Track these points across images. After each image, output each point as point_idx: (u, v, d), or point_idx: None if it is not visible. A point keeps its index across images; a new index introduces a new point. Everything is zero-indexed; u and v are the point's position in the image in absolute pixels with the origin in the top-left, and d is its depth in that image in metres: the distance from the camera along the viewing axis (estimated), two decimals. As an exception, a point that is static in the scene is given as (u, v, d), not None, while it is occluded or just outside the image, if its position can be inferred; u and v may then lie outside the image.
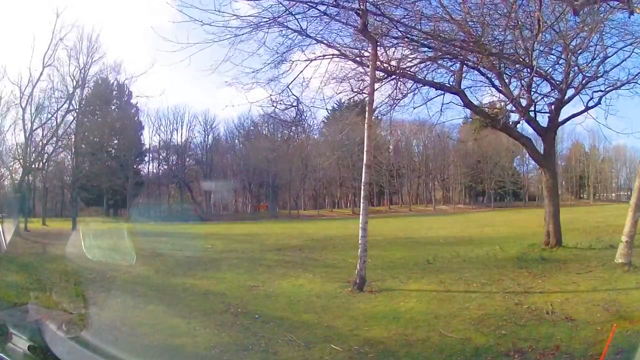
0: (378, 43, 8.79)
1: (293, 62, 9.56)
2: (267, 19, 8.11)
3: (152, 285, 8.62)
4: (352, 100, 11.99)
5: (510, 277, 7.97)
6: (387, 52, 10.29)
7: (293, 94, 10.17)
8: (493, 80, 12.13)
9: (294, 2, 7.88)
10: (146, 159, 52.38)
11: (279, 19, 8.12)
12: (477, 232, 18.91)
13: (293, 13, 8.06)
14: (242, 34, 8.22)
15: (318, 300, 6.94)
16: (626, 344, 4.10)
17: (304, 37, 8.83)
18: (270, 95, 10.23)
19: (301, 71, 9.70)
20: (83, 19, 61.33)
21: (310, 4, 7.95)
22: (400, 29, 9.00)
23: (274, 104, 10.65)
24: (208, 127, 53.58)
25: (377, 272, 8.90)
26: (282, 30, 8.61)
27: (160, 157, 52.68)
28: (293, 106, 10.54)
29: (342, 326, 5.46)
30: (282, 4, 7.84)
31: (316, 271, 9.64)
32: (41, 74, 23.67)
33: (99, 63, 28.34)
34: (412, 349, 4.57)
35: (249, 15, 8.12)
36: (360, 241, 7.80)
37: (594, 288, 6.85)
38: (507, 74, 11.81)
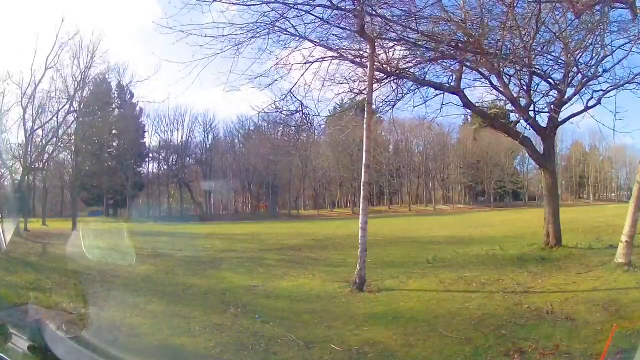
0: (376, 44, 8.77)
1: (293, 64, 9.58)
2: (265, 25, 8.11)
3: (152, 285, 8.62)
4: (352, 101, 11.96)
5: (510, 277, 7.96)
6: (387, 53, 10.30)
7: (297, 99, 10.20)
8: (492, 80, 12.12)
9: (290, 8, 7.90)
10: (146, 159, 52.48)
11: (277, 24, 8.13)
12: (477, 232, 18.91)
13: (289, 18, 8.09)
14: (242, 42, 8.25)
15: (318, 300, 6.95)
16: (626, 344, 4.10)
17: (303, 40, 8.84)
18: (275, 102, 10.27)
19: (302, 74, 9.71)
20: (86, 22, 61.38)
21: (305, 10, 7.97)
22: (398, 30, 9.00)
23: (279, 111, 10.69)
24: (208, 127, 53.73)
25: (377, 272, 8.90)
26: (280, 35, 8.63)
27: (160, 157, 52.72)
28: (299, 111, 10.54)
29: (342, 326, 5.46)
30: (276, 10, 7.85)
31: (316, 271, 9.64)
32: (43, 75, 23.67)
33: (101, 65, 28.22)
34: (412, 349, 4.58)
35: (247, 23, 8.13)
36: (360, 241, 7.79)
37: (594, 288, 6.84)
38: (506, 74, 11.80)
